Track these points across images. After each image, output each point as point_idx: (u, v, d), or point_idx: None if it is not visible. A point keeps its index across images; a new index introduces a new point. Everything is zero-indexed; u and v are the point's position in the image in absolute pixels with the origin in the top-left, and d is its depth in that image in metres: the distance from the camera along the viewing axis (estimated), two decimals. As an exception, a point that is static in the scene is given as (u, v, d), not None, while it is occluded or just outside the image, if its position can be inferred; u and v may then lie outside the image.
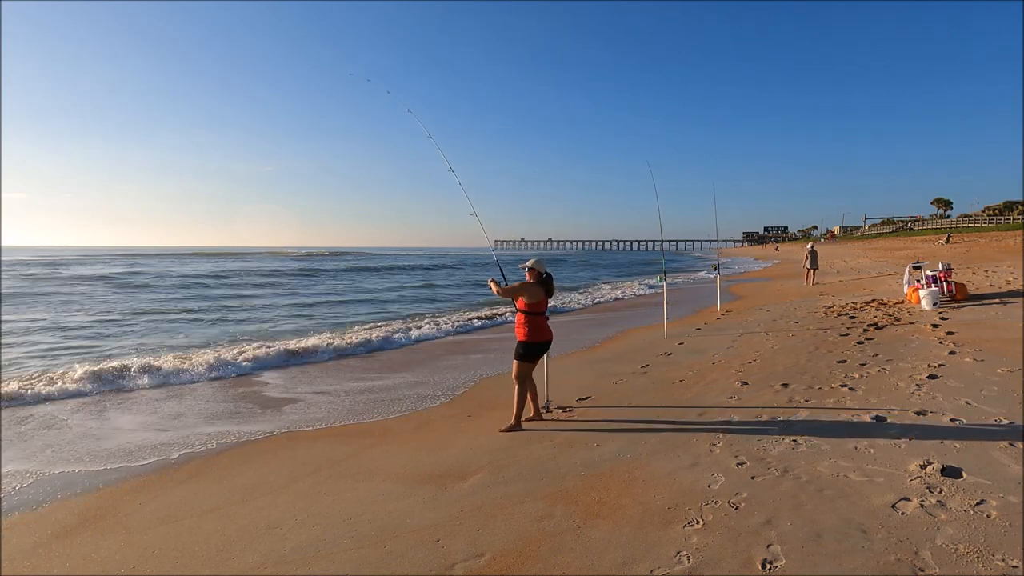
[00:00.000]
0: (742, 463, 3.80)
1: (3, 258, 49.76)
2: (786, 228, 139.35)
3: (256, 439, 5.28)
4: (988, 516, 2.89)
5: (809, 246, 18.55)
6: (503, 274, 5.52)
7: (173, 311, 16.19)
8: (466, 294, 22.00)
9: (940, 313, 9.54)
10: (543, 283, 5.04)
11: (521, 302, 4.95)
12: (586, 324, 12.79)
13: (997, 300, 10.53)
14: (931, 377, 5.62)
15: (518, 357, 4.99)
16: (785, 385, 5.80)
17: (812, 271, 17.99)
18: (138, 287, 24.10)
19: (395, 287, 25.60)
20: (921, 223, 79.13)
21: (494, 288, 5.06)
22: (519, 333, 5.01)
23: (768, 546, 2.76)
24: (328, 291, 23.22)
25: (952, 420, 4.36)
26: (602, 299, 18.48)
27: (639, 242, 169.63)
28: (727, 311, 12.91)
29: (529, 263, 5.09)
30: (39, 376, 7.70)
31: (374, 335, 10.81)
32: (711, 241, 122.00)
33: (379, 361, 9.05)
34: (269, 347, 9.42)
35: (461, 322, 12.95)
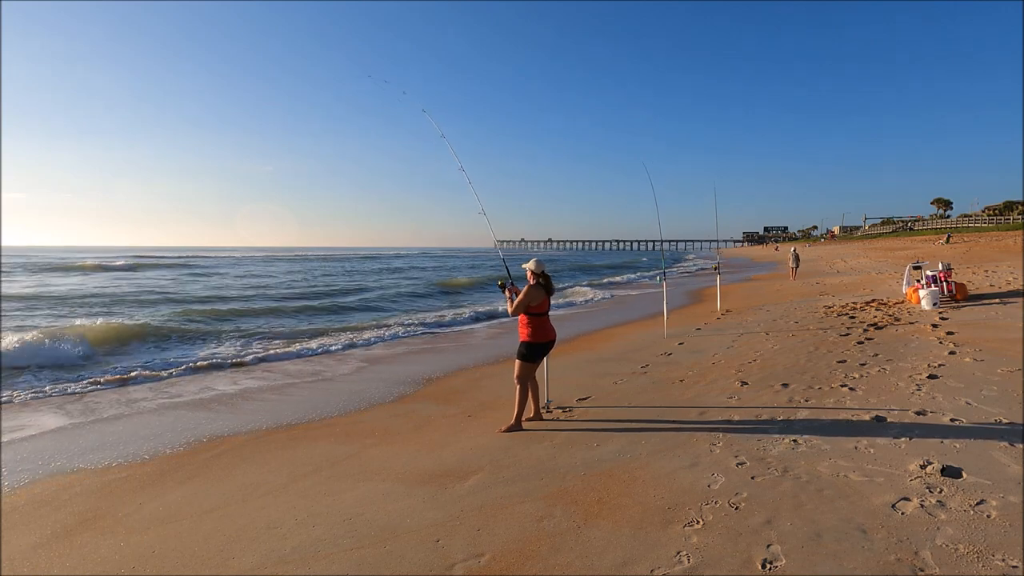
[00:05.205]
0: (742, 463, 3.80)
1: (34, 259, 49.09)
2: (786, 228, 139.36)
3: (256, 439, 5.28)
4: (988, 516, 2.89)
5: (792, 249, 25.54)
6: (508, 271, 5.64)
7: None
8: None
9: (940, 313, 9.54)
10: (543, 283, 5.05)
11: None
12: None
13: (997, 300, 10.54)
14: (931, 377, 5.62)
15: (521, 357, 4.99)
16: (785, 385, 5.80)
17: (794, 268, 22.47)
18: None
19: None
20: (921, 223, 79.10)
21: (510, 307, 5.06)
22: (522, 333, 5.00)
23: (768, 546, 2.76)
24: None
25: (952, 420, 4.36)
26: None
27: (639, 242, 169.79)
28: (727, 311, 12.90)
29: (530, 264, 5.09)
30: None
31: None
32: (711, 241, 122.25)
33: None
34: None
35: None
